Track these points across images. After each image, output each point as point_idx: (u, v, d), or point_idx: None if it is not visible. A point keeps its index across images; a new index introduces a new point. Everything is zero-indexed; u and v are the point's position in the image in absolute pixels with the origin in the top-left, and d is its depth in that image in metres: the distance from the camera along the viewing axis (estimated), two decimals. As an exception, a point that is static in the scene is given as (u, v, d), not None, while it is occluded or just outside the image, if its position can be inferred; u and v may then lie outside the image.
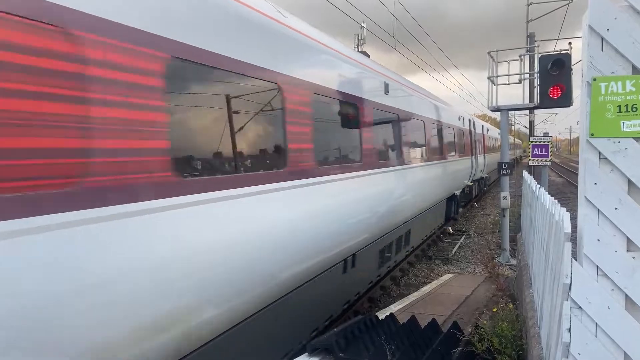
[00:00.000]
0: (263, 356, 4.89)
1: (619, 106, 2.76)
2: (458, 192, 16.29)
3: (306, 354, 5.22)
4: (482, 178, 23.52)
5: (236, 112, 4.24)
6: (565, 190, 25.59)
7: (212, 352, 3.93)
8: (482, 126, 24.28)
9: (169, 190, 3.33)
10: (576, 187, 24.49)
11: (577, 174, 38.12)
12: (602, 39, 2.77)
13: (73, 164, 2.71)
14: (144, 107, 3.17)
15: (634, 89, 2.72)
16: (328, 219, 5.64)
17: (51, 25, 2.63)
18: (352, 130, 6.64)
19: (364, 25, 13.59)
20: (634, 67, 2.74)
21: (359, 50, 11.90)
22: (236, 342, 4.31)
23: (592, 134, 2.82)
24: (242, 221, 4.10)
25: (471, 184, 19.10)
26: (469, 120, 19.46)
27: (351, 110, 6.56)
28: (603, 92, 2.78)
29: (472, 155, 18.64)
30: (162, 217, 3.25)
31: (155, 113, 3.25)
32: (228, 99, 4.14)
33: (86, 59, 2.80)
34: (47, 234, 2.55)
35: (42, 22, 2.58)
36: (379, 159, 7.53)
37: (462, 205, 18.55)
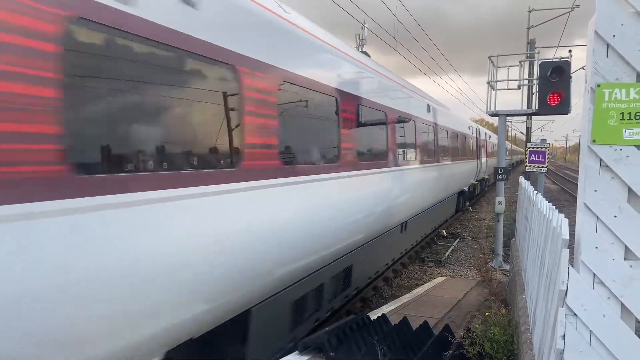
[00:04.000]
0: None
1: (622, 113, 2.74)
2: None
3: (297, 352, 5.19)
4: None
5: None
6: (560, 198, 25.68)
7: None
8: None
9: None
10: (571, 194, 24.20)
11: (571, 182, 37.89)
12: (608, 45, 2.76)
13: None
14: None
15: (637, 97, 2.70)
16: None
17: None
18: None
19: (366, 25, 13.56)
20: (639, 75, 2.72)
21: (360, 50, 11.86)
22: None
23: (593, 141, 2.81)
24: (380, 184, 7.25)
25: None
26: None
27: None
28: (607, 98, 2.76)
29: None
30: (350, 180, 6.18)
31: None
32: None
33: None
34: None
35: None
36: None
37: None
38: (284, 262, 5.10)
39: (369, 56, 9.78)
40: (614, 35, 2.73)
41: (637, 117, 2.72)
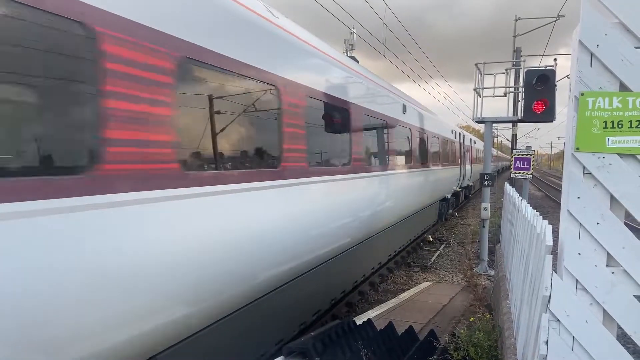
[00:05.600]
0: None
1: (605, 122, 2.78)
2: None
3: (282, 357, 5.16)
4: None
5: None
6: (544, 204, 25.98)
7: None
8: None
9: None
10: (555, 201, 24.64)
11: (556, 189, 38.48)
12: (592, 54, 2.80)
13: None
14: None
15: (620, 106, 2.75)
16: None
17: None
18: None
19: (354, 30, 13.62)
20: (622, 84, 2.76)
21: (348, 55, 11.90)
22: None
23: (577, 148, 2.84)
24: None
25: None
26: None
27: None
28: (590, 107, 2.80)
29: None
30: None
31: None
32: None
33: None
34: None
35: None
36: None
37: None
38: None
39: (357, 61, 9.82)
40: (597, 45, 2.77)
41: (620, 126, 2.76)
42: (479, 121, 11.97)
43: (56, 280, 2.75)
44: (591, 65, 2.81)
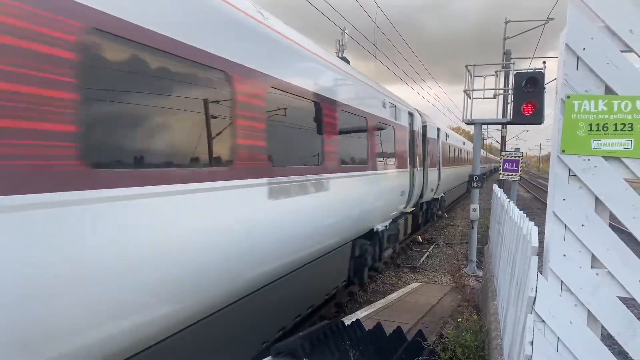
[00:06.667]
0: None
1: (591, 124, 2.81)
2: None
3: (270, 357, 5.15)
4: None
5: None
6: (533, 206, 26.19)
7: None
8: None
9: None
10: (543, 203, 25.00)
11: (544, 190, 39.20)
12: (578, 57, 2.82)
13: None
14: None
15: (605, 109, 2.77)
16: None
17: None
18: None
19: (346, 31, 13.63)
20: (607, 87, 2.79)
21: (339, 56, 11.91)
22: None
23: (563, 151, 2.87)
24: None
25: None
26: None
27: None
28: (576, 109, 2.83)
29: None
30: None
31: None
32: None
33: None
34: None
35: None
36: None
37: None
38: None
39: (348, 62, 9.83)
40: (584, 48, 2.79)
41: (605, 129, 2.79)
42: (469, 123, 12.03)
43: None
44: (577, 69, 2.84)
